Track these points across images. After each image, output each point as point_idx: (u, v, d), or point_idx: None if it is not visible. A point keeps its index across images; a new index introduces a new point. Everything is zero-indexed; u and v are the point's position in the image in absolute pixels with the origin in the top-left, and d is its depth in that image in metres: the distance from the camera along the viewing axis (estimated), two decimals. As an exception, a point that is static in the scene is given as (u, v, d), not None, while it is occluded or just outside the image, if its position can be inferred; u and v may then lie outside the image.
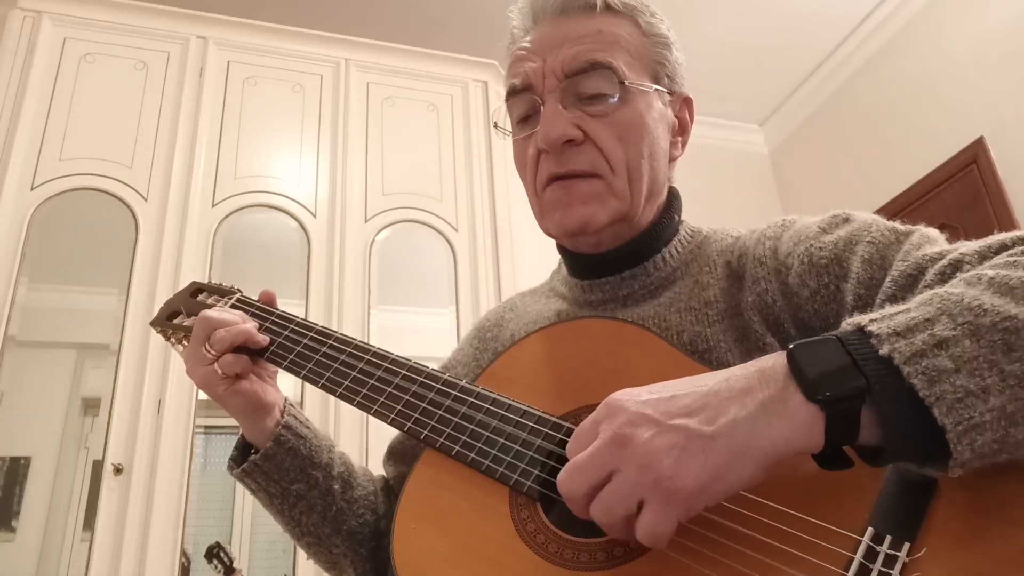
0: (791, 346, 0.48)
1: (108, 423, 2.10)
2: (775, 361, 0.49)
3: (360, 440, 2.25)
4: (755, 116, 4.01)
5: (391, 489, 0.89)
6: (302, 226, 2.52)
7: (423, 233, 2.67)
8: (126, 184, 2.39)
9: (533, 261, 2.21)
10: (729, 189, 3.79)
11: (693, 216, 0.85)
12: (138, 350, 2.18)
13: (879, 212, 0.73)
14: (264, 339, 0.79)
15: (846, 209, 0.72)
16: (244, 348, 0.77)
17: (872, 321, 0.48)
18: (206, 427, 2.50)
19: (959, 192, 2.90)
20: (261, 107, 2.66)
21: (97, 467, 2.11)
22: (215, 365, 0.75)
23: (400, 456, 0.89)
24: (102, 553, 1.96)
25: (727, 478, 0.46)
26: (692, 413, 0.47)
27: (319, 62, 2.80)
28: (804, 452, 0.47)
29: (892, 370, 0.45)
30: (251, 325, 0.78)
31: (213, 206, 2.46)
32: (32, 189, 2.30)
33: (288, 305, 0.85)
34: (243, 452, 0.82)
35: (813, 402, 0.46)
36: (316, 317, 2.36)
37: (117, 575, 1.94)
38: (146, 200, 2.39)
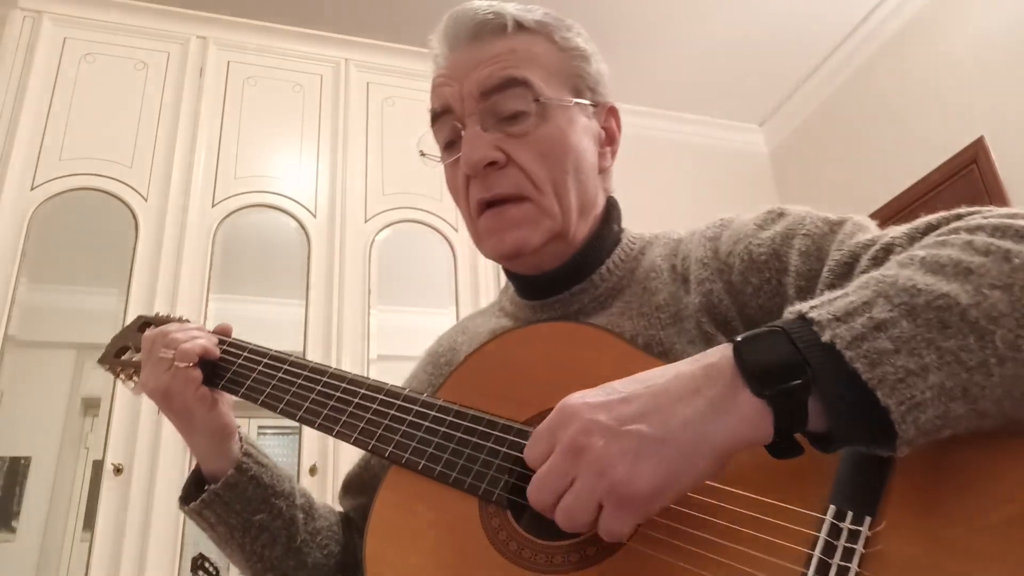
0: (736, 339, 0.49)
1: (108, 423, 2.10)
2: (721, 355, 0.49)
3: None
4: (755, 116, 4.01)
5: (351, 522, 0.88)
6: (302, 226, 2.52)
7: (423, 233, 2.67)
8: (126, 184, 2.39)
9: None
10: (729, 189, 3.79)
11: (693, 216, 0.86)
12: (138, 350, 2.18)
13: (879, 212, 0.74)
14: (215, 351, 0.80)
15: (780, 204, 0.73)
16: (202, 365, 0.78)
17: (812, 308, 0.49)
18: (206, 427, 2.50)
19: (959, 192, 2.90)
20: (261, 107, 2.66)
21: (97, 467, 2.11)
22: (176, 363, 0.76)
23: (358, 489, 0.88)
24: (102, 553, 1.96)
25: (681, 478, 0.47)
26: (643, 417, 0.48)
27: (319, 62, 2.80)
28: (755, 444, 0.48)
29: (835, 355, 0.46)
30: (205, 339, 0.80)
31: (213, 206, 2.46)
32: (32, 189, 2.30)
33: (288, 305, 0.86)
34: (195, 488, 0.80)
35: (760, 397, 0.46)
36: (316, 317, 2.37)
37: (117, 575, 1.94)
38: (146, 200, 2.39)
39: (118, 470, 2.04)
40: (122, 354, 0.90)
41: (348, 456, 2.18)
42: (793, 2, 3.22)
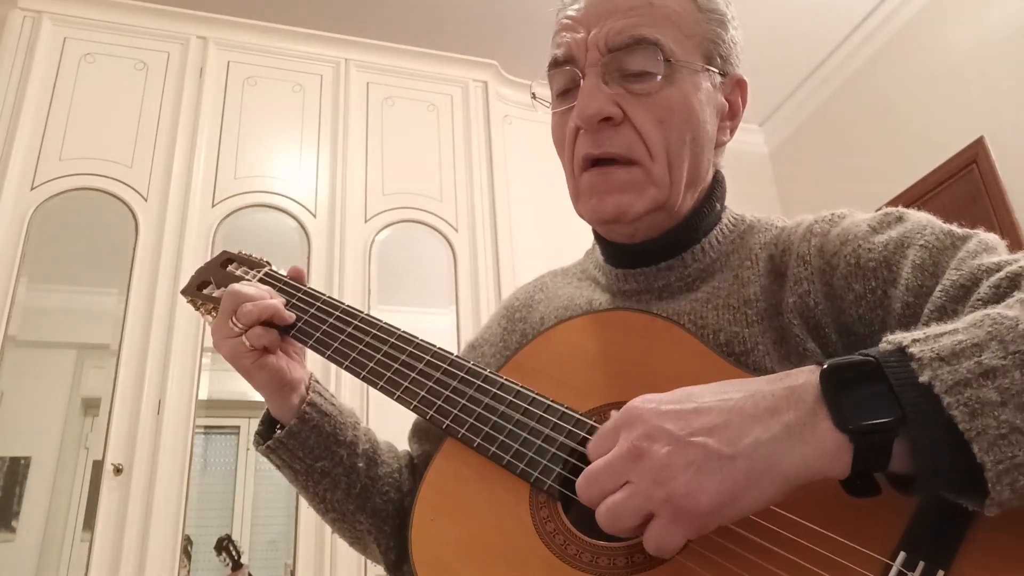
0: (824, 365, 0.46)
1: (108, 423, 2.10)
2: (806, 379, 0.47)
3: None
4: (755, 116, 4.01)
5: (416, 467, 0.87)
6: (302, 226, 2.52)
7: (423, 233, 2.67)
8: (126, 184, 2.39)
9: (533, 261, 2.21)
10: (728, 189, 3.79)
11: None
12: (138, 350, 2.18)
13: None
14: (290, 316, 0.78)
15: (900, 207, 0.68)
16: (270, 324, 0.77)
17: (915, 342, 0.45)
18: (206, 427, 2.50)
19: (959, 192, 2.90)
20: (261, 107, 2.66)
21: (97, 467, 2.11)
22: (243, 338, 0.75)
23: (425, 434, 0.87)
24: (102, 553, 1.96)
25: (743, 500, 0.45)
26: (713, 431, 0.46)
27: (319, 62, 2.80)
28: (828, 478, 0.45)
29: (931, 398, 0.43)
30: (278, 301, 0.78)
31: (213, 206, 2.46)
32: (32, 189, 2.30)
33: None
34: (269, 426, 0.81)
35: (843, 431, 0.44)
36: (316, 317, 2.37)
37: (117, 575, 1.94)
38: (146, 200, 2.39)
39: (118, 470, 2.04)
40: (204, 287, 0.89)
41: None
42: (792, 2, 3.23)
